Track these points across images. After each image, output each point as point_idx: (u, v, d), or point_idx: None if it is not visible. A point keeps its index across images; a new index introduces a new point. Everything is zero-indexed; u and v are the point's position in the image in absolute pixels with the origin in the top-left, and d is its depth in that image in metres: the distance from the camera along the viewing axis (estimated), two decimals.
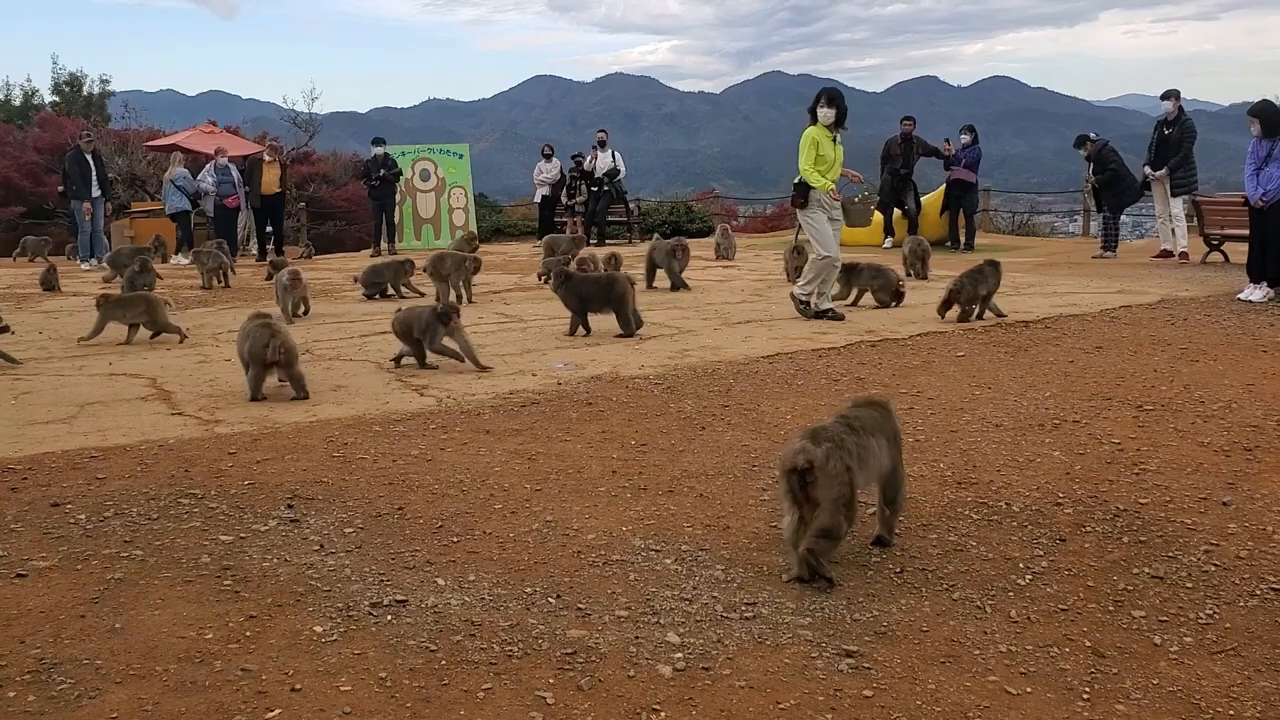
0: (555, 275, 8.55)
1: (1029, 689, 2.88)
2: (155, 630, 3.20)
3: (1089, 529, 4.03)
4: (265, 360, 6.18)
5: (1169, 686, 2.89)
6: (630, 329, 8.22)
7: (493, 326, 8.92)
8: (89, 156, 15.54)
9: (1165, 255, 13.37)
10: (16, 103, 33.93)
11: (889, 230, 15.71)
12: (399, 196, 17.86)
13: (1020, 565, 3.71)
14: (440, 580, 3.59)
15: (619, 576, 3.63)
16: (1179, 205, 13.16)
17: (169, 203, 16.59)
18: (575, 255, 12.07)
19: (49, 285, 12.22)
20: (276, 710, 2.76)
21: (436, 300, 8.87)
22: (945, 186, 15.76)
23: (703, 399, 6.08)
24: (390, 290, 11.04)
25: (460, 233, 18.43)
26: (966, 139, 15.70)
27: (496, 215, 24.39)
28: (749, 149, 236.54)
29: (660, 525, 4.11)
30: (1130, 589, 3.51)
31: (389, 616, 3.30)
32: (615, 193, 18.60)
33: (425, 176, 18.68)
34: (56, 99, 33.25)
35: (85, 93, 34.05)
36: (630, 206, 19.95)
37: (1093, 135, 14.34)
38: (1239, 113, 11.32)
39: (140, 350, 8.06)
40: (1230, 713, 2.77)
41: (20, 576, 3.59)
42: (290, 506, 4.29)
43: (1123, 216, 15.65)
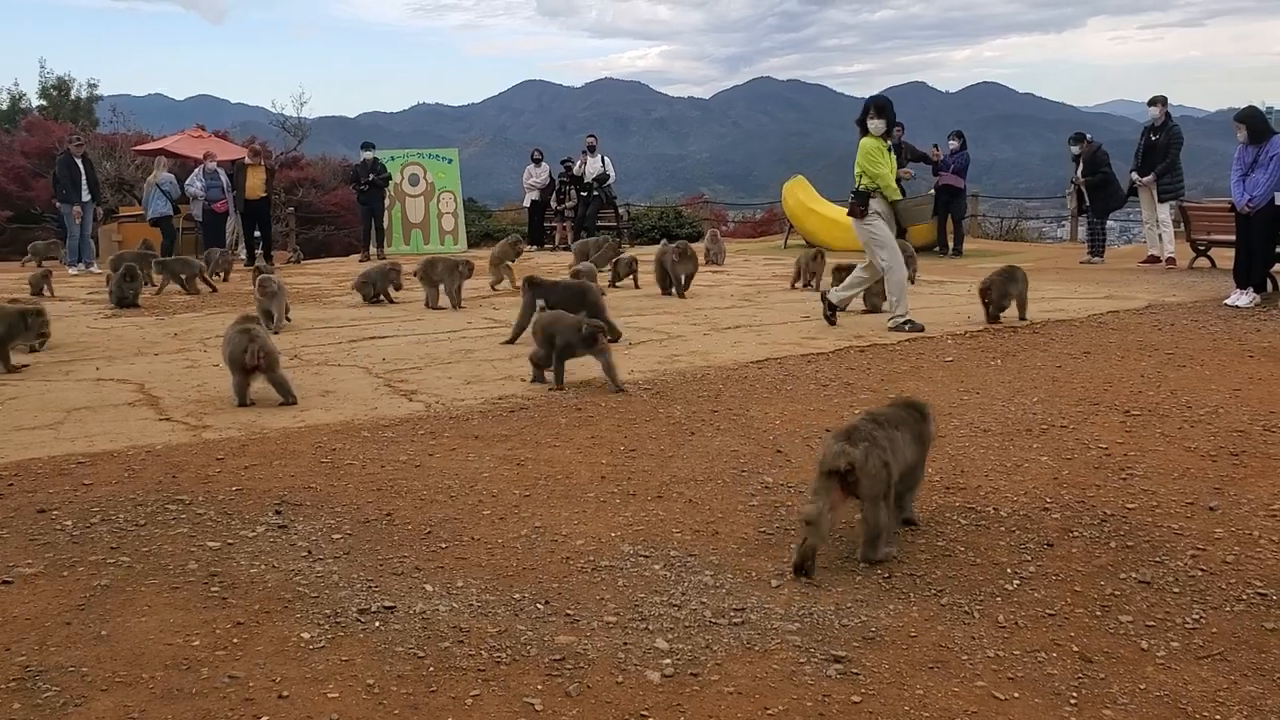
0: (524, 282, 8.38)
1: (1016, 694, 2.89)
2: (142, 637, 3.18)
3: (1076, 534, 4.04)
4: (245, 365, 6.16)
5: (1156, 691, 2.90)
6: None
7: (481, 331, 8.91)
8: (79, 161, 15.48)
9: (1152, 260, 13.44)
10: (4, 107, 33.86)
11: None
12: (388, 201, 17.84)
13: (1008, 570, 3.72)
14: (428, 586, 3.58)
15: (608, 582, 3.62)
16: (1166, 211, 13.24)
17: (153, 207, 16.52)
18: (611, 258, 12.23)
19: (38, 289, 12.15)
20: (264, 717, 2.75)
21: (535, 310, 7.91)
22: (934, 192, 15.81)
23: (692, 404, 6.09)
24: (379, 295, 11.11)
25: (450, 239, 18.44)
26: (955, 144, 15.77)
27: (486, 220, 24.37)
28: (738, 154, 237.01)
29: (649, 531, 4.11)
30: (1117, 594, 3.52)
31: (377, 623, 3.29)
32: (605, 198, 18.62)
33: (414, 181, 18.65)
34: (44, 103, 33.17)
35: (73, 97, 34.01)
36: (620, 211, 19.97)
37: (1089, 136, 14.51)
38: (1225, 119, 11.38)
39: (128, 356, 8.03)
40: (1216, 717, 2.77)
41: (5, 583, 3.57)
42: (278, 512, 4.28)
43: (1109, 222, 15.78)
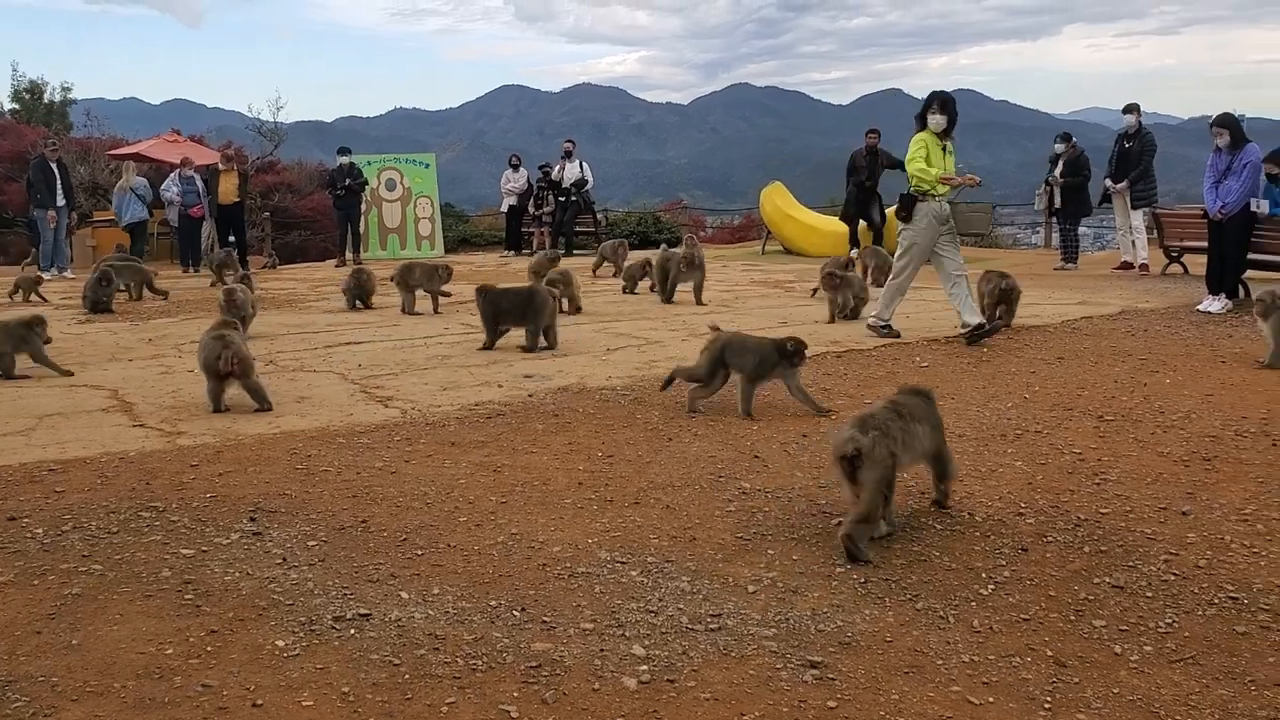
0: (475, 290, 8.35)
1: (991, 699, 2.90)
2: (114, 646, 3.15)
3: (1051, 539, 4.07)
4: (219, 372, 6.12)
5: (1129, 695, 2.92)
6: (534, 344, 8.03)
7: (458, 337, 8.89)
8: (54, 165, 15.37)
9: (1126, 267, 13.55)
10: None
11: (854, 242, 15.83)
12: (364, 206, 17.76)
13: (983, 575, 3.74)
14: (404, 593, 3.57)
15: (584, 589, 3.62)
16: (1139, 218, 13.35)
17: (129, 211, 16.38)
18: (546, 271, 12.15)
19: (15, 290, 12.02)
20: None
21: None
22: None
23: (669, 410, 6.09)
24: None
25: (427, 244, 18.38)
26: None
27: (463, 225, 24.32)
28: (716, 160, 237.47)
29: (626, 537, 4.11)
30: (1091, 598, 3.54)
31: (352, 630, 3.28)
32: (583, 203, 18.60)
33: (391, 186, 18.58)
34: (16, 107, 32.83)
35: (46, 100, 33.66)
36: (598, 217, 19.96)
37: (1074, 139, 14.72)
38: (1199, 126, 11.53)
39: (101, 361, 7.96)
40: None
41: None
42: (253, 519, 4.25)
43: (1083, 228, 15.94)
